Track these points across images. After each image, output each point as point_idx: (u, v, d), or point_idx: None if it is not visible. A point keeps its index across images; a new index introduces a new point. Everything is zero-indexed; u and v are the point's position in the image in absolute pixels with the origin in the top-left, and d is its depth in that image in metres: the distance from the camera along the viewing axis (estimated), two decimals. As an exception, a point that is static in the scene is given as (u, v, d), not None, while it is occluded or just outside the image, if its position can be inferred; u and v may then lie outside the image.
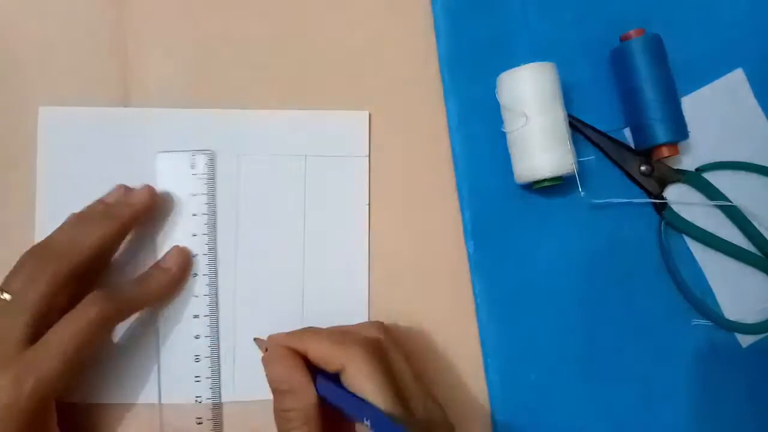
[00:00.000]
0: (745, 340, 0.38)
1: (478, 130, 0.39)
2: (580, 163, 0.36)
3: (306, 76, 0.39)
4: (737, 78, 0.40)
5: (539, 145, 0.35)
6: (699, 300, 0.38)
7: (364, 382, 0.29)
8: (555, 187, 0.37)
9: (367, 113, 0.39)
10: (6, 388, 0.29)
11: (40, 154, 0.37)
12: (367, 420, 0.28)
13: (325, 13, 0.40)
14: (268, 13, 0.40)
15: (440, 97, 0.39)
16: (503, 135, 0.37)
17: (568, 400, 0.37)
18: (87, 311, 0.31)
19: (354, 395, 0.29)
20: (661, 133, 0.37)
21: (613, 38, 0.39)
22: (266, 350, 0.32)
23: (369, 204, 0.38)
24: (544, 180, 0.36)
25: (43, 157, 0.37)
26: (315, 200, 0.38)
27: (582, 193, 0.36)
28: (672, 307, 0.38)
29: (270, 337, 0.33)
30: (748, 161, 0.39)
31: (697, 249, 0.39)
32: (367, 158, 0.39)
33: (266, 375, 0.31)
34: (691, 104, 0.39)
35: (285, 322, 0.35)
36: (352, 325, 0.34)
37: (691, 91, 0.40)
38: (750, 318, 0.38)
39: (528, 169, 0.36)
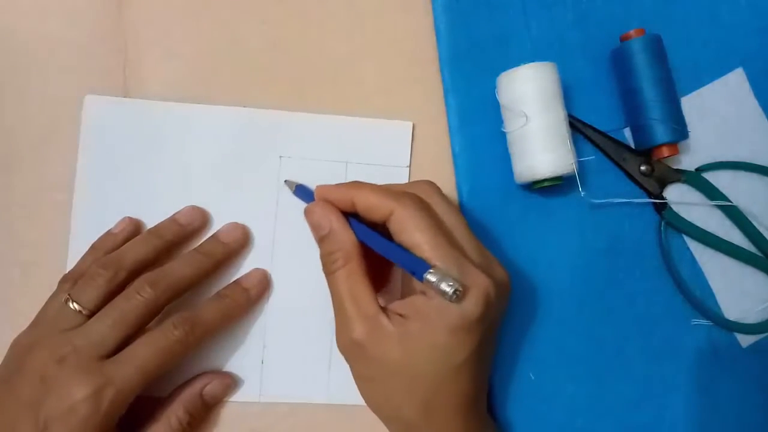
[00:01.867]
0: (745, 340, 0.38)
1: (478, 130, 0.39)
2: (580, 163, 0.36)
3: (306, 76, 0.39)
4: (737, 78, 0.40)
5: (539, 145, 0.35)
6: (699, 300, 0.38)
7: (411, 224, 0.29)
8: (555, 187, 0.37)
9: (410, 124, 0.39)
10: (87, 400, 0.29)
11: (82, 143, 0.37)
12: (393, 258, 0.30)
13: (325, 13, 0.40)
14: (266, 13, 0.40)
15: (440, 97, 0.39)
16: (503, 135, 0.37)
17: (567, 399, 0.37)
18: (172, 333, 0.32)
19: (382, 235, 0.30)
20: (661, 133, 0.37)
21: (613, 38, 0.39)
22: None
23: None
24: (544, 180, 0.36)
25: (85, 146, 0.38)
26: None
27: (582, 193, 0.36)
28: (672, 307, 0.38)
29: (317, 188, 0.33)
30: (748, 161, 0.39)
31: (697, 249, 0.39)
32: (408, 168, 0.39)
33: (308, 225, 0.33)
34: (691, 104, 0.39)
35: (315, 330, 0.36)
36: (399, 183, 0.34)
37: (691, 91, 0.40)
38: (750, 318, 0.38)
39: (528, 169, 0.36)
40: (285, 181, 0.37)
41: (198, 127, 0.38)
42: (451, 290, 0.27)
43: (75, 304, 0.32)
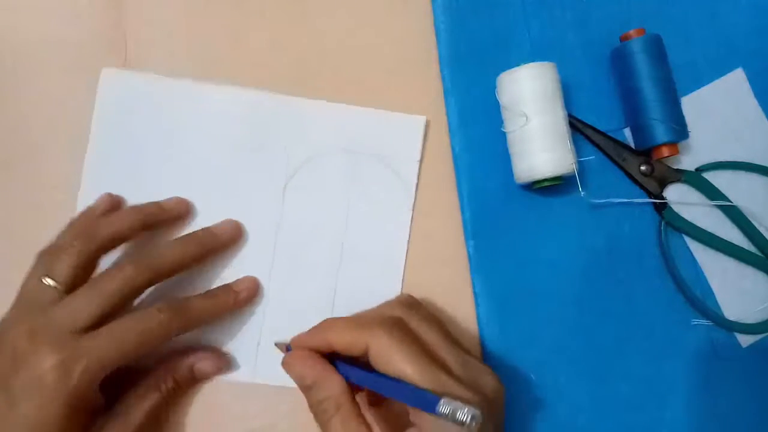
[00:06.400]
0: (745, 340, 0.38)
1: (478, 130, 0.39)
2: (580, 163, 0.36)
3: (305, 77, 0.39)
4: (737, 78, 0.40)
5: (539, 145, 0.35)
6: (699, 300, 0.38)
7: (389, 355, 0.29)
8: (555, 187, 0.37)
9: (423, 118, 0.39)
10: (55, 369, 0.29)
11: (96, 116, 0.38)
12: (396, 396, 0.28)
13: (326, 12, 0.40)
14: (267, 13, 0.40)
15: (440, 97, 0.39)
16: (503, 135, 0.37)
17: (567, 399, 0.37)
18: (157, 316, 0.32)
19: (373, 372, 0.29)
20: (661, 133, 0.37)
21: (613, 38, 0.39)
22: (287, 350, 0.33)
23: (413, 208, 0.38)
24: (544, 180, 0.36)
25: (98, 119, 0.38)
26: (359, 197, 0.38)
27: (582, 193, 0.36)
28: (672, 307, 0.38)
29: (292, 339, 0.33)
30: (748, 161, 0.39)
31: (697, 249, 0.39)
32: (418, 163, 0.38)
33: (290, 376, 0.31)
34: (691, 104, 0.39)
35: (314, 317, 0.36)
36: (374, 308, 0.33)
37: (691, 91, 0.40)
38: (750, 318, 0.38)
39: (528, 169, 0.36)
40: (275, 343, 0.35)
41: (208, 110, 0.38)
42: (468, 417, 0.25)
43: (49, 279, 0.31)
